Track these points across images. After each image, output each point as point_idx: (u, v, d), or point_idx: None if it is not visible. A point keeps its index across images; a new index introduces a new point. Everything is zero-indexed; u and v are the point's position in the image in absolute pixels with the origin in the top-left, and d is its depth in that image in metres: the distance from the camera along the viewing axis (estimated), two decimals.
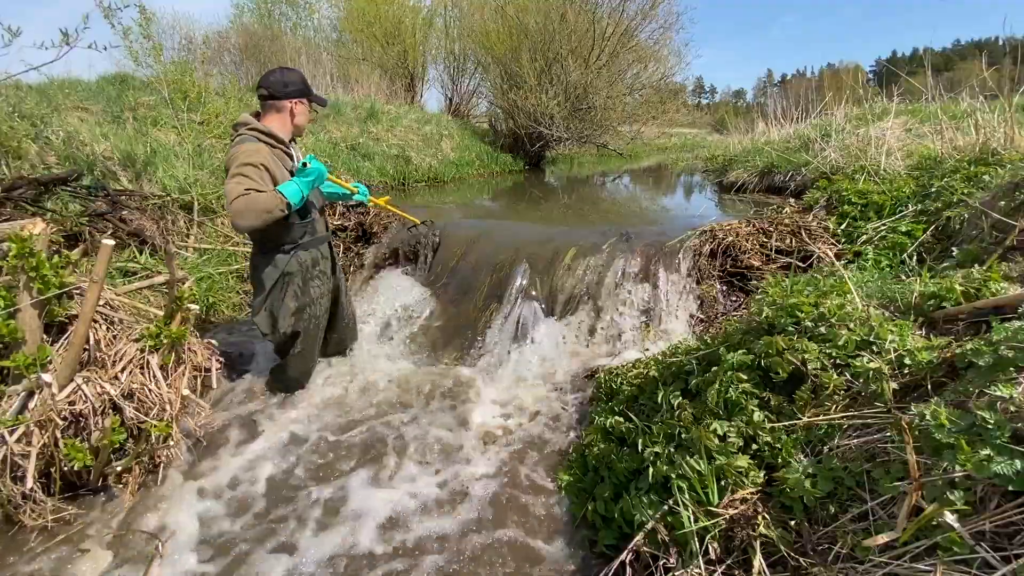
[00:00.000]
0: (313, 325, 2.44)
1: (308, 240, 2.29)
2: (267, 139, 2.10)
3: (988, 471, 0.91)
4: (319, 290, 2.40)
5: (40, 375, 1.70)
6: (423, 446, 2.21)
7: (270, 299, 2.28)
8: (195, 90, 5.06)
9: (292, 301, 2.30)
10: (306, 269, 2.32)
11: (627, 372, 2.18)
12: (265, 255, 2.23)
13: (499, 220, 3.97)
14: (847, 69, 33.48)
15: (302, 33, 12.95)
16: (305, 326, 2.40)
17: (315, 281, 2.37)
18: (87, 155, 4.50)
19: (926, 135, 4.04)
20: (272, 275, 2.22)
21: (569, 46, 10.25)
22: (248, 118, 2.14)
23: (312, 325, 2.44)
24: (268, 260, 2.22)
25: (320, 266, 2.39)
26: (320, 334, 2.54)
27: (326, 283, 2.45)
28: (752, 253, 3.05)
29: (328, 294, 2.50)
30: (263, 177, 1.98)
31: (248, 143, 2.03)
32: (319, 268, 2.38)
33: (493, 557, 1.64)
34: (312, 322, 2.43)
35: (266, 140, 2.09)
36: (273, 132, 2.11)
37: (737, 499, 1.31)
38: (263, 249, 2.24)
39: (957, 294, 1.45)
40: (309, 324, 2.42)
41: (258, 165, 1.97)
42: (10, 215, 3.31)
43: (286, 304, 2.29)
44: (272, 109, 2.15)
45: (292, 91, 2.12)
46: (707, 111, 35.89)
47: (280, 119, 2.16)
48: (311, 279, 2.35)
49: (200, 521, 1.80)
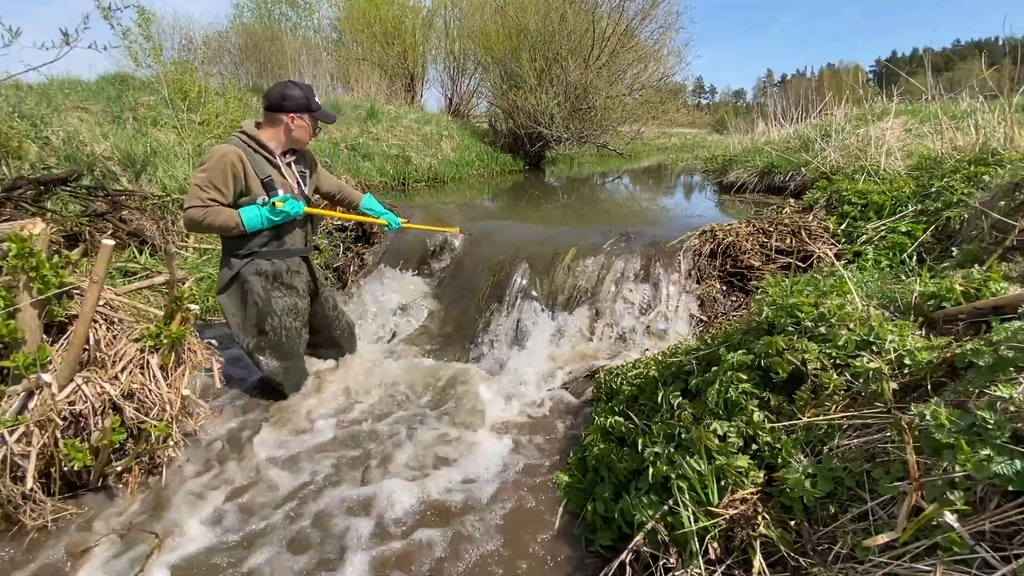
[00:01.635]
0: (285, 337, 2.39)
1: (270, 250, 2.27)
2: (252, 143, 2.16)
3: (988, 471, 0.91)
4: (283, 303, 2.35)
5: (40, 375, 1.70)
6: (421, 446, 2.20)
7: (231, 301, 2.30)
8: (195, 90, 5.06)
9: (252, 309, 2.29)
10: (269, 278, 2.29)
11: (627, 372, 2.18)
12: (225, 257, 2.28)
13: (499, 220, 3.97)
14: (847, 69, 33.46)
15: (302, 33, 12.95)
16: (272, 338, 2.36)
17: (277, 293, 2.33)
18: (87, 155, 4.50)
19: (926, 135, 4.04)
20: (227, 276, 2.26)
21: (569, 46, 10.26)
22: (246, 124, 2.21)
23: (282, 337, 2.38)
24: (227, 262, 2.27)
25: (285, 279, 2.34)
26: (296, 346, 2.47)
27: (293, 297, 2.40)
28: (752, 253, 3.05)
29: (300, 309, 2.44)
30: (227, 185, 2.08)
31: (224, 145, 2.11)
32: (283, 280, 2.34)
33: (492, 556, 1.64)
34: (282, 333, 2.37)
35: (251, 145, 2.16)
36: (261, 140, 2.17)
37: (737, 499, 1.31)
38: (224, 250, 2.29)
39: (957, 294, 1.45)
40: (278, 336, 2.37)
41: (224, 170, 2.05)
42: (10, 215, 3.31)
43: (248, 311, 2.29)
44: (268, 120, 2.21)
45: (289, 105, 2.16)
46: (707, 111, 35.92)
47: (273, 131, 2.21)
48: (273, 290, 2.32)
49: (200, 521, 1.80)
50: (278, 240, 2.28)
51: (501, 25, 11.33)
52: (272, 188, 2.15)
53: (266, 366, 2.40)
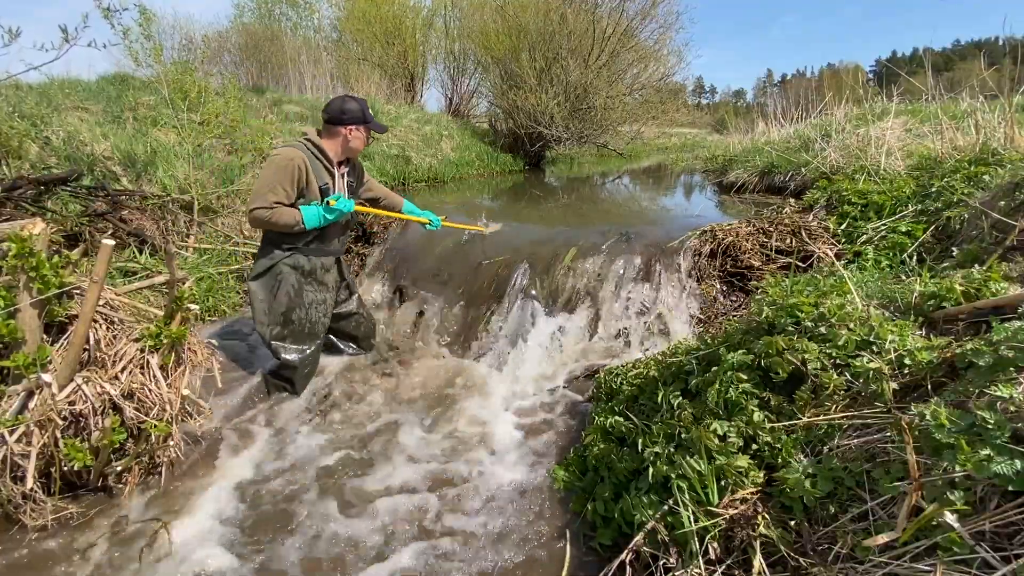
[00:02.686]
0: (308, 329, 2.52)
1: (312, 248, 2.43)
2: (315, 151, 2.31)
3: (988, 471, 0.91)
4: (313, 296, 2.50)
5: (40, 375, 1.70)
6: (421, 446, 2.21)
7: (263, 288, 2.41)
8: (195, 90, 5.05)
9: (284, 298, 2.43)
10: (304, 273, 2.44)
11: (627, 372, 2.18)
12: (266, 247, 2.41)
13: (499, 220, 3.96)
14: (847, 69, 33.44)
15: (302, 33, 12.94)
16: (296, 327, 2.48)
17: (309, 287, 2.48)
18: (87, 155, 4.50)
19: (926, 135, 4.04)
20: (264, 264, 2.39)
21: (569, 46, 10.25)
22: (310, 131, 2.37)
23: (306, 328, 2.51)
24: (268, 252, 2.40)
25: (318, 275, 2.50)
26: (316, 338, 2.59)
27: (323, 292, 2.55)
28: (752, 253, 3.05)
29: (327, 304, 2.58)
30: (292, 187, 2.23)
31: (291, 150, 2.25)
32: (316, 276, 2.49)
33: (491, 556, 1.64)
34: (306, 325, 2.51)
35: (314, 152, 2.31)
36: (323, 149, 2.33)
37: (737, 499, 1.31)
38: (265, 239, 2.42)
39: (957, 294, 1.45)
40: (302, 326, 2.50)
41: (291, 174, 2.21)
42: (10, 215, 3.31)
43: (278, 300, 2.42)
44: (328, 131, 2.37)
45: (347, 119, 2.32)
46: (707, 111, 35.89)
47: (333, 142, 2.37)
48: (306, 284, 2.47)
49: (200, 520, 1.80)
50: (320, 240, 2.44)
51: (501, 25, 11.31)
52: (328, 194, 2.32)
53: (285, 355, 2.50)
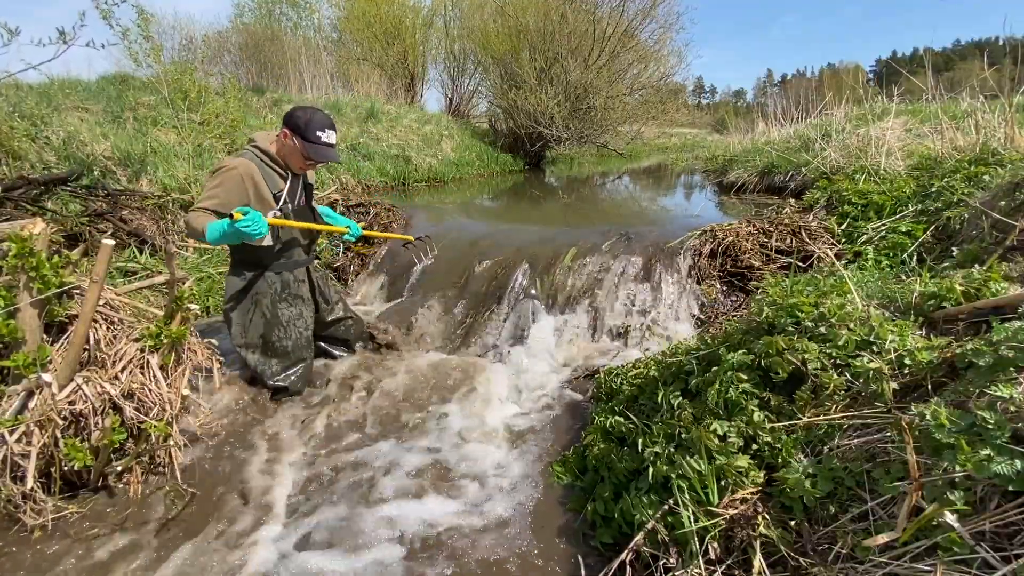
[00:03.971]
0: (292, 345, 2.46)
1: (280, 263, 2.37)
2: (262, 156, 2.22)
3: (988, 471, 0.91)
4: (288, 312, 2.43)
5: (40, 375, 1.70)
6: (421, 446, 2.20)
7: (238, 311, 2.37)
8: (195, 90, 5.06)
9: (260, 322, 2.38)
10: (275, 291, 2.38)
11: (627, 372, 2.18)
12: (235, 268, 2.35)
13: (499, 220, 3.97)
14: (847, 69, 33.45)
15: (302, 33, 12.93)
16: (278, 347, 2.43)
17: (284, 304, 2.41)
18: (87, 155, 4.50)
19: (926, 135, 4.05)
20: (236, 285, 2.34)
21: (569, 46, 10.26)
22: (259, 136, 2.26)
23: (288, 345, 2.45)
24: (237, 273, 2.34)
25: (291, 289, 2.43)
26: (302, 350, 2.53)
27: (298, 305, 2.47)
28: (752, 253, 3.05)
29: (305, 316, 2.51)
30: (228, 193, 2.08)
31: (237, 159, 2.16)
32: (291, 290, 2.43)
33: (490, 556, 1.64)
34: (287, 343, 2.45)
35: (263, 159, 2.22)
36: (270, 152, 2.23)
37: (737, 499, 1.31)
38: (232, 262, 2.37)
39: (957, 294, 1.45)
40: (283, 344, 2.44)
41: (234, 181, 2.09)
42: (10, 215, 3.31)
43: (255, 322, 2.38)
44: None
45: (289, 123, 2.16)
46: (707, 111, 35.89)
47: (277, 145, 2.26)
48: (279, 301, 2.40)
49: (200, 520, 1.80)
50: (286, 252, 2.37)
51: (501, 25, 11.32)
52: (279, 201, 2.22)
53: (270, 375, 2.46)
